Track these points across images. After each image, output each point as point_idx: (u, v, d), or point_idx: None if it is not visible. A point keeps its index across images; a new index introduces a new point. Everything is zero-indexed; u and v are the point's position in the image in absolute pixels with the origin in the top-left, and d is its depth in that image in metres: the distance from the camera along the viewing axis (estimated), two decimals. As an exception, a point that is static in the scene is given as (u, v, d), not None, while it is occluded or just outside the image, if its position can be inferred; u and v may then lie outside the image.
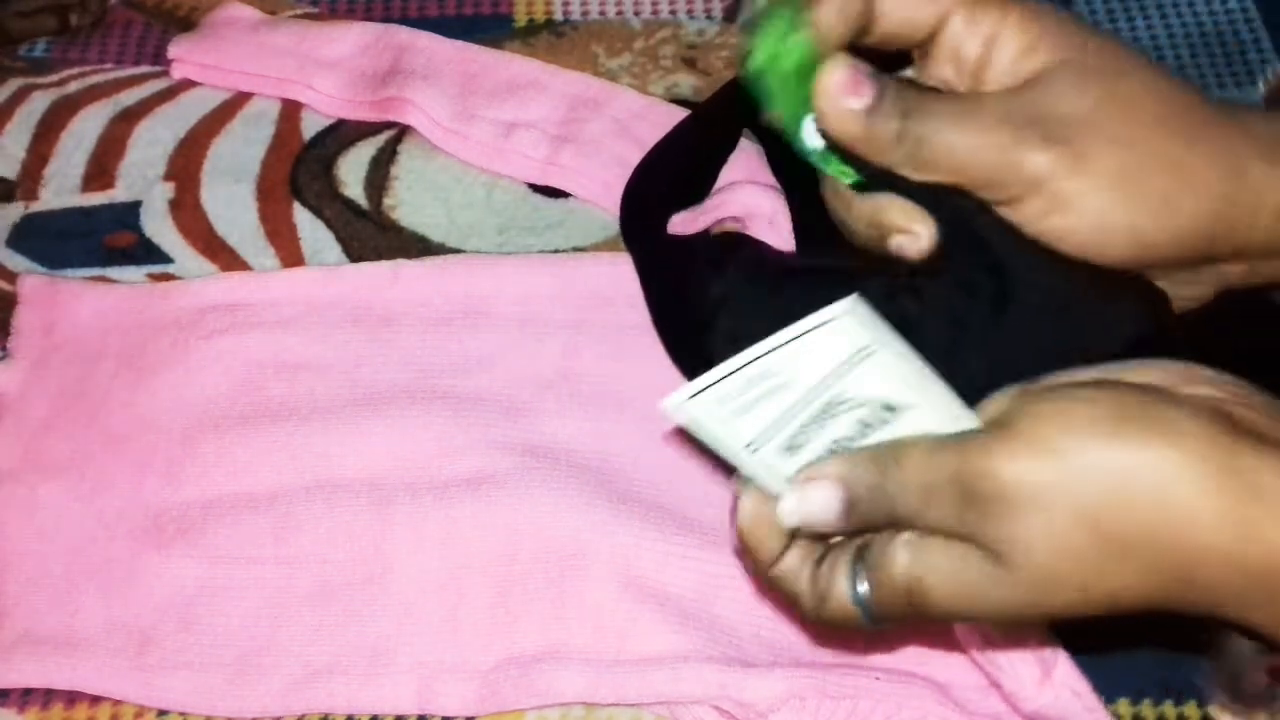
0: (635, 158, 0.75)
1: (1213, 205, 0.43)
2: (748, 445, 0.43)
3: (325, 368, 0.69)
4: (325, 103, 0.80)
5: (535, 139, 0.77)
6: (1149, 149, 0.43)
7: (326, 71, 0.80)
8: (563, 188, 0.77)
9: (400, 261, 0.73)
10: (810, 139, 0.46)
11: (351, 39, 0.81)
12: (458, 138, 0.78)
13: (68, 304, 0.72)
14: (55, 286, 0.73)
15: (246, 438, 0.67)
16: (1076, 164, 0.43)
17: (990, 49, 0.45)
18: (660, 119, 0.78)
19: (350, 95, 0.79)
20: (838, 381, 0.42)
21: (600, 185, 0.76)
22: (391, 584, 0.63)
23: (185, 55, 0.81)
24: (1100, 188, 0.43)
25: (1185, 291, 0.48)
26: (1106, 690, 0.58)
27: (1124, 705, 0.61)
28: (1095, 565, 0.40)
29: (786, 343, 0.41)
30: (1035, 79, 0.44)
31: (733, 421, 0.42)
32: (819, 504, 0.43)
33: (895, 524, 0.43)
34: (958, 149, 0.44)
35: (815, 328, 0.40)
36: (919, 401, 0.43)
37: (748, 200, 0.71)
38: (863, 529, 0.44)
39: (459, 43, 0.82)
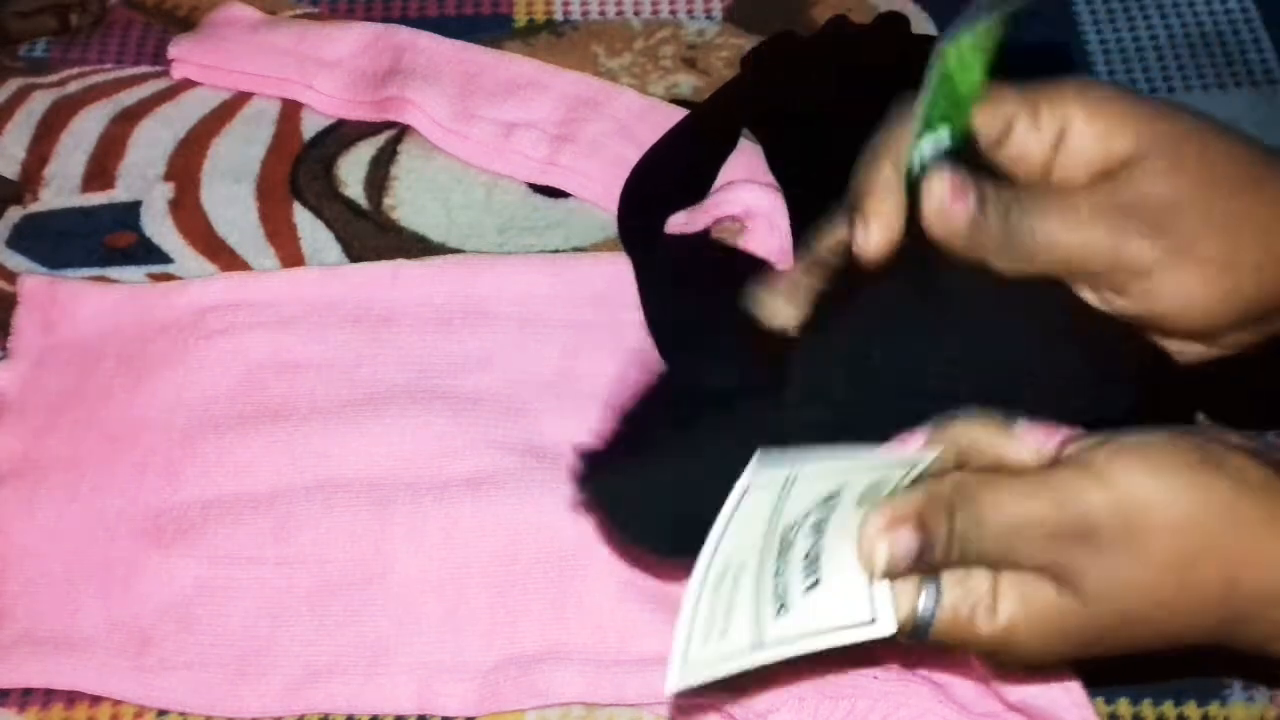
0: (635, 158, 0.75)
1: None
2: (752, 646, 0.42)
3: (325, 367, 0.69)
4: (325, 103, 0.80)
5: (535, 139, 0.77)
6: (1239, 226, 0.44)
7: (326, 71, 0.80)
8: (563, 188, 0.77)
9: (400, 261, 0.73)
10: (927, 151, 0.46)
11: (351, 39, 0.81)
12: (457, 137, 0.78)
13: (68, 304, 0.72)
14: (55, 286, 0.72)
15: (246, 438, 0.67)
16: (1178, 254, 0.44)
17: (1058, 149, 0.46)
18: (660, 119, 0.78)
19: (350, 95, 0.79)
20: (777, 526, 0.42)
21: (600, 186, 0.76)
22: (391, 584, 0.63)
23: (185, 55, 0.81)
24: (1201, 277, 0.44)
25: (1255, 339, 0.48)
26: (1107, 690, 0.58)
27: (1124, 705, 0.60)
28: (1170, 596, 0.42)
29: (717, 546, 0.41)
30: (1122, 168, 0.45)
31: (723, 644, 0.42)
32: (900, 550, 0.43)
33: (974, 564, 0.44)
34: (1059, 244, 0.45)
35: (733, 512, 0.40)
36: (853, 473, 0.42)
37: (747, 199, 0.71)
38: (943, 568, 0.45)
39: (459, 43, 0.82)
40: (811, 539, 0.43)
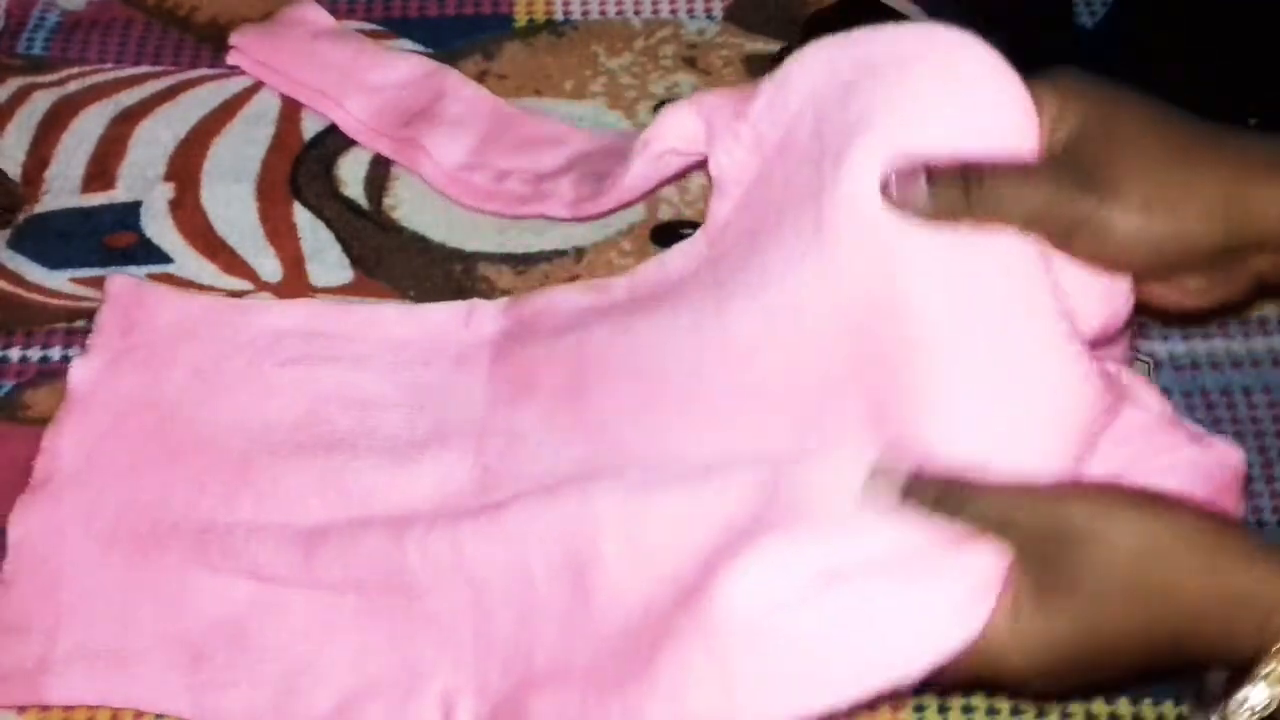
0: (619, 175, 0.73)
1: (1216, 210, 0.53)
2: None
3: (390, 408, 0.68)
4: (351, 126, 0.79)
5: (524, 179, 0.76)
6: (1160, 177, 0.54)
7: (363, 96, 0.79)
8: (547, 214, 0.75)
9: (476, 302, 0.73)
10: None
11: (402, 70, 0.80)
12: (458, 185, 0.76)
13: (152, 307, 0.72)
14: (141, 289, 0.72)
15: (300, 468, 0.66)
16: (1108, 200, 0.53)
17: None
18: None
19: (375, 124, 0.78)
20: None
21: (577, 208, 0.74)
22: (430, 608, 0.62)
23: (245, 46, 0.81)
24: (1129, 213, 0.53)
25: (1222, 290, 0.57)
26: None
27: (1124, 705, 0.63)
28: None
29: None
30: (1070, 141, 0.55)
31: None
32: None
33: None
34: (1020, 206, 0.54)
35: None
36: None
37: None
38: None
39: (498, 99, 0.80)
40: None
